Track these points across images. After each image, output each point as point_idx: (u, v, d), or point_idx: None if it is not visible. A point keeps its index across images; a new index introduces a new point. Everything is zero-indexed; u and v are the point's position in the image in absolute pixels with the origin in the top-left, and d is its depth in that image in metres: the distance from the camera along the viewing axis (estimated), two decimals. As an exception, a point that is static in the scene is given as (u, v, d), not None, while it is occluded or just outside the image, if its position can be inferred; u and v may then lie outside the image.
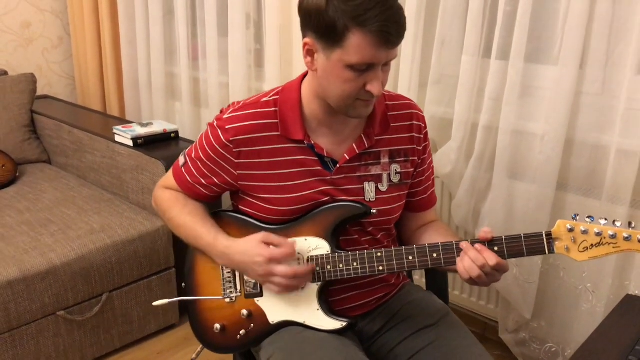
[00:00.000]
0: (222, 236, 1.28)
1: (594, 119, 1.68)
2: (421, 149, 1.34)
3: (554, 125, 1.69)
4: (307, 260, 1.25)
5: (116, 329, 2.11)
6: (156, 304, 1.43)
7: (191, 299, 1.37)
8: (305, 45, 1.16)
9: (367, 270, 1.22)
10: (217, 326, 1.33)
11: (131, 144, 2.27)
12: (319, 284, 1.26)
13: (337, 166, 1.27)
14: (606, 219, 1.07)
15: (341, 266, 1.23)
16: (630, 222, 1.06)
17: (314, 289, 1.26)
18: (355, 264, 1.22)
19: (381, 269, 1.21)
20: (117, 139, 2.33)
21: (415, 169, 1.34)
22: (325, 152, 1.26)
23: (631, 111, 1.57)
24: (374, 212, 1.26)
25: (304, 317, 1.27)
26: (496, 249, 1.13)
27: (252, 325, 1.31)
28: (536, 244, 1.12)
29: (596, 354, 1.08)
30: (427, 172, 1.39)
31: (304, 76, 1.29)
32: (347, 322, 1.25)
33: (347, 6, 1.06)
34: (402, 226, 1.44)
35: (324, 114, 1.25)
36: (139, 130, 2.31)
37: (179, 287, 2.22)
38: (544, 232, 1.11)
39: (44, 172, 2.57)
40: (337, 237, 1.26)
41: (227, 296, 1.32)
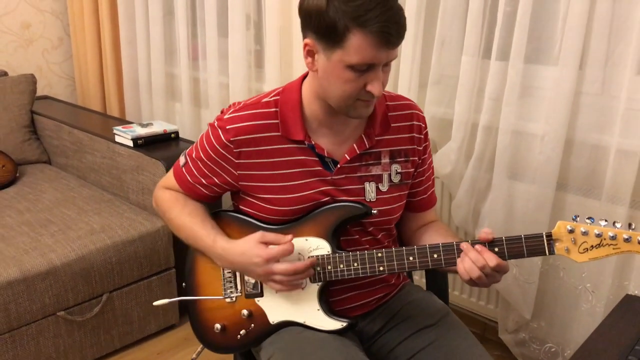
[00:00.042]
0: (221, 238, 1.28)
1: (593, 119, 1.68)
2: (421, 149, 1.35)
3: (553, 125, 1.69)
4: (308, 260, 1.25)
5: (116, 330, 2.11)
6: (156, 303, 1.43)
7: (192, 298, 1.37)
8: (305, 45, 1.16)
9: (368, 270, 1.22)
10: (217, 326, 1.33)
11: (131, 144, 2.27)
12: (320, 284, 1.26)
13: (338, 166, 1.27)
14: (606, 220, 1.07)
15: (342, 266, 1.23)
16: (630, 224, 1.06)
17: (314, 289, 1.26)
18: (355, 264, 1.22)
19: (382, 269, 1.21)
20: (117, 139, 2.33)
21: (415, 169, 1.35)
22: (325, 153, 1.26)
23: (631, 111, 1.57)
24: (374, 212, 1.26)
25: (304, 317, 1.27)
26: (496, 249, 1.13)
27: (253, 325, 1.31)
28: (536, 245, 1.12)
29: (596, 354, 1.08)
30: (427, 172, 1.39)
31: (304, 77, 1.29)
32: (347, 322, 1.25)
33: (348, 7, 1.06)
34: (402, 226, 1.44)
35: (325, 115, 1.25)
36: (139, 130, 2.31)
37: (179, 287, 2.22)
38: (544, 233, 1.11)
39: (44, 172, 2.57)
40: (337, 237, 1.26)
41: (227, 296, 1.32)
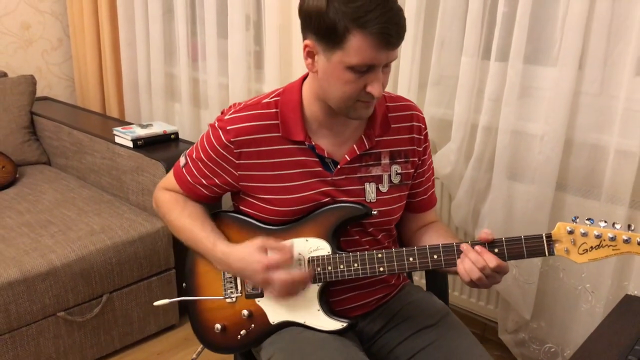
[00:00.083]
0: (220, 242, 1.28)
1: (593, 119, 1.68)
2: (421, 149, 1.35)
3: (553, 125, 1.69)
4: (308, 261, 1.25)
5: (116, 330, 2.11)
6: (157, 303, 1.43)
7: (192, 299, 1.37)
8: (305, 47, 1.17)
9: (368, 271, 1.22)
10: (217, 326, 1.33)
11: (131, 145, 2.27)
12: (320, 284, 1.26)
13: (338, 167, 1.27)
14: (606, 221, 1.07)
15: (342, 267, 1.23)
16: (629, 225, 1.07)
17: (314, 289, 1.26)
18: (355, 265, 1.22)
19: (382, 270, 1.21)
20: (117, 140, 2.34)
21: (415, 170, 1.35)
22: (325, 153, 1.26)
23: (630, 111, 1.57)
24: (374, 213, 1.26)
25: (305, 317, 1.27)
26: (496, 250, 1.14)
27: (253, 325, 1.31)
28: (536, 246, 1.12)
29: (595, 354, 1.08)
30: (427, 173, 1.39)
31: (304, 78, 1.29)
32: (347, 323, 1.26)
33: (348, 8, 1.07)
34: (402, 227, 1.44)
35: (325, 115, 1.25)
36: (139, 131, 2.31)
37: (179, 287, 2.22)
38: (544, 234, 1.11)
39: (43, 173, 2.57)
40: (337, 237, 1.27)
41: (227, 296, 1.33)
